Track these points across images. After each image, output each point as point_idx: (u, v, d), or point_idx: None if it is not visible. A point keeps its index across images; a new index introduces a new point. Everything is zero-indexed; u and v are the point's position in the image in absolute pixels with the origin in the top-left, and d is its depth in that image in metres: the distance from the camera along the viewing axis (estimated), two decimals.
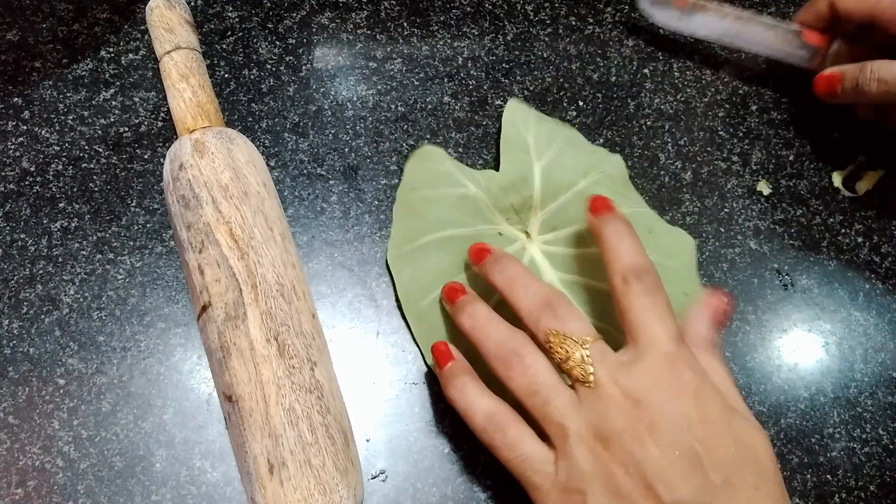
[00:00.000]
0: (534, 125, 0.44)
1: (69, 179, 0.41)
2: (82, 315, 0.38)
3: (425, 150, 0.44)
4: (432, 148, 0.44)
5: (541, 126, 0.45)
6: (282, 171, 0.43)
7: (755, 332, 0.42)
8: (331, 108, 0.45)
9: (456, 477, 0.37)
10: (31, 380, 0.37)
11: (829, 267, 0.44)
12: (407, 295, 0.40)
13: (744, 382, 0.40)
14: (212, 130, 0.38)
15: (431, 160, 0.43)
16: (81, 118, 0.43)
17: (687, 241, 0.43)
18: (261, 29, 0.46)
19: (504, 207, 0.42)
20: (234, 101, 0.44)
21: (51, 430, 0.36)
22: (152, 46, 0.41)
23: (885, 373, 0.41)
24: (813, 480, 0.39)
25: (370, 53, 0.47)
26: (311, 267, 0.41)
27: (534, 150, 0.43)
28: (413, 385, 0.39)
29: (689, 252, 0.43)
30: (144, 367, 0.38)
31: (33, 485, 0.35)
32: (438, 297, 0.39)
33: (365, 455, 0.37)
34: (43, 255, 0.39)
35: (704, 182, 0.46)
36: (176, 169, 0.37)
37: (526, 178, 0.42)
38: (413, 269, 0.40)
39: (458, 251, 0.40)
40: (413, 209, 0.42)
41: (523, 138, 0.44)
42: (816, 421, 0.40)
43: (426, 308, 0.39)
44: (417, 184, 0.42)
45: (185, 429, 0.37)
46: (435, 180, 0.42)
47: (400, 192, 0.42)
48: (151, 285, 0.39)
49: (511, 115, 0.45)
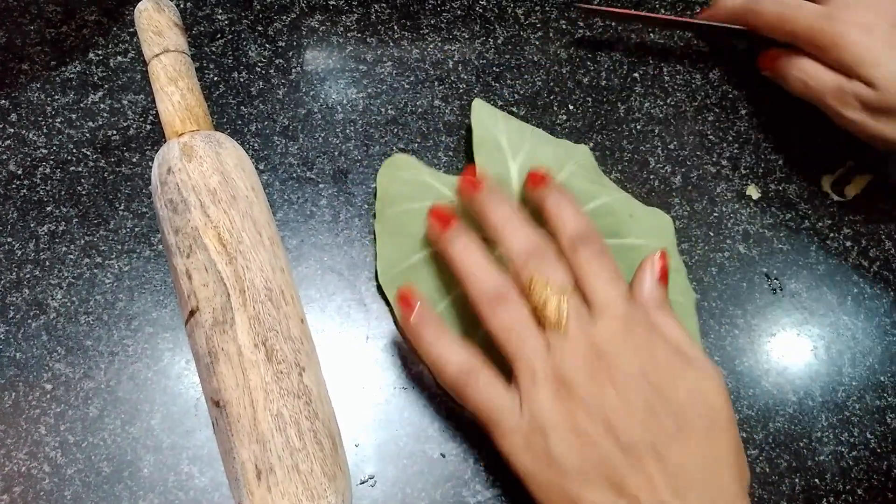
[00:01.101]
0: (503, 124, 0.44)
1: (57, 183, 0.41)
2: (69, 319, 0.38)
3: (395, 160, 0.43)
4: (402, 156, 0.43)
5: (510, 125, 0.44)
6: (271, 174, 0.43)
7: (744, 336, 0.42)
8: (321, 112, 0.45)
9: (445, 482, 0.37)
10: (18, 384, 0.37)
11: (818, 271, 0.44)
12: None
13: (732, 386, 0.41)
14: (200, 134, 0.38)
15: (404, 169, 0.43)
16: (69, 121, 0.43)
17: (665, 220, 0.44)
18: (250, 32, 0.46)
19: None
20: (223, 104, 0.44)
21: (37, 435, 0.36)
22: (141, 49, 0.41)
23: (872, 377, 0.42)
24: (801, 484, 0.39)
25: (360, 56, 0.47)
26: (301, 271, 0.41)
27: (507, 149, 0.43)
28: (402, 390, 0.39)
29: (669, 230, 0.43)
30: (132, 371, 0.37)
31: (19, 490, 0.35)
32: (440, 315, 0.39)
33: (354, 460, 0.37)
34: (30, 259, 0.39)
35: (694, 186, 0.46)
36: (164, 173, 0.36)
37: (503, 178, 0.42)
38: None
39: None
40: (396, 226, 0.41)
41: (495, 138, 0.43)
42: (805, 425, 0.40)
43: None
44: (395, 197, 0.42)
45: (172, 434, 0.36)
46: (413, 192, 0.42)
47: (378, 207, 0.42)
48: (139, 289, 0.39)
49: (479, 115, 0.44)
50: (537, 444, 0.32)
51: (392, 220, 0.41)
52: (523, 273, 0.35)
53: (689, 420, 0.32)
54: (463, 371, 0.34)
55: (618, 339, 0.33)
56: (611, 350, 0.33)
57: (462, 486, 0.37)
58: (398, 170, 0.43)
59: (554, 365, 0.33)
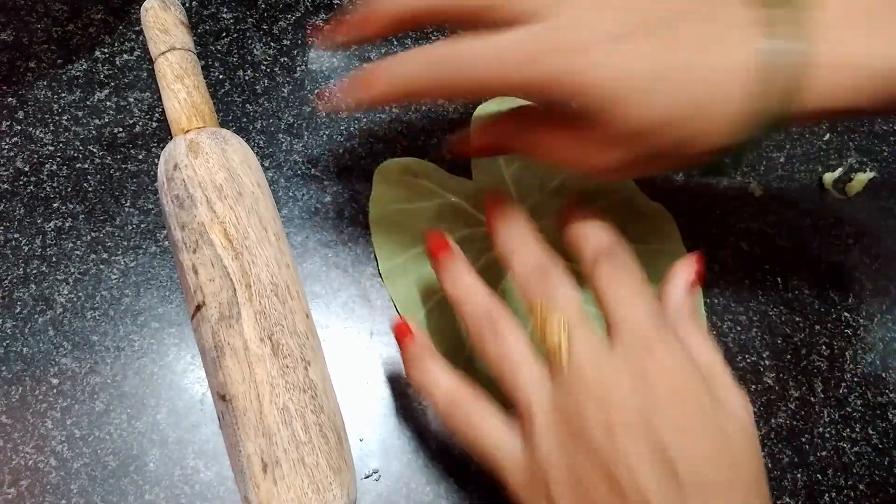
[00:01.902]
0: None
1: (63, 179, 0.41)
2: (76, 315, 0.38)
3: (390, 163, 0.43)
4: (397, 160, 0.43)
5: None
6: (276, 171, 0.43)
7: (745, 332, 0.42)
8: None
9: (449, 476, 0.37)
10: (25, 379, 0.37)
11: (820, 268, 0.44)
12: (405, 307, 0.40)
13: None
14: (206, 131, 0.38)
15: (402, 173, 0.43)
16: (76, 118, 0.43)
17: (667, 217, 0.44)
18: (255, 30, 0.47)
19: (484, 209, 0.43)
20: (228, 101, 0.44)
21: (44, 429, 0.36)
22: (147, 47, 0.41)
23: (874, 373, 0.42)
24: (803, 480, 0.39)
25: (365, 55, 0.47)
26: (306, 267, 0.41)
27: (502, 157, 0.44)
28: (407, 385, 0.39)
29: (673, 230, 0.43)
30: (138, 366, 0.38)
31: (26, 484, 0.35)
32: (435, 305, 0.40)
33: (358, 454, 0.37)
34: (37, 255, 0.40)
35: (696, 183, 0.46)
36: (170, 169, 0.37)
37: (499, 184, 0.43)
38: (407, 280, 0.40)
39: None
40: (393, 223, 0.42)
41: None
42: (806, 421, 0.40)
43: (425, 317, 0.40)
44: (392, 197, 0.42)
45: (178, 428, 0.37)
46: (409, 195, 0.42)
47: (373, 207, 0.42)
48: (145, 285, 0.39)
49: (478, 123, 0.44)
50: (540, 490, 0.29)
51: (387, 217, 0.42)
52: (527, 297, 0.31)
53: (711, 473, 0.27)
54: (452, 399, 0.31)
55: (636, 370, 0.28)
56: (623, 385, 0.28)
57: (466, 481, 0.37)
58: (393, 173, 0.43)
59: (555, 402, 0.29)
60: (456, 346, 0.39)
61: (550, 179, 0.43)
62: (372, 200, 0.42)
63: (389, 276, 0.41)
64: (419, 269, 0.40)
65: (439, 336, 0.39)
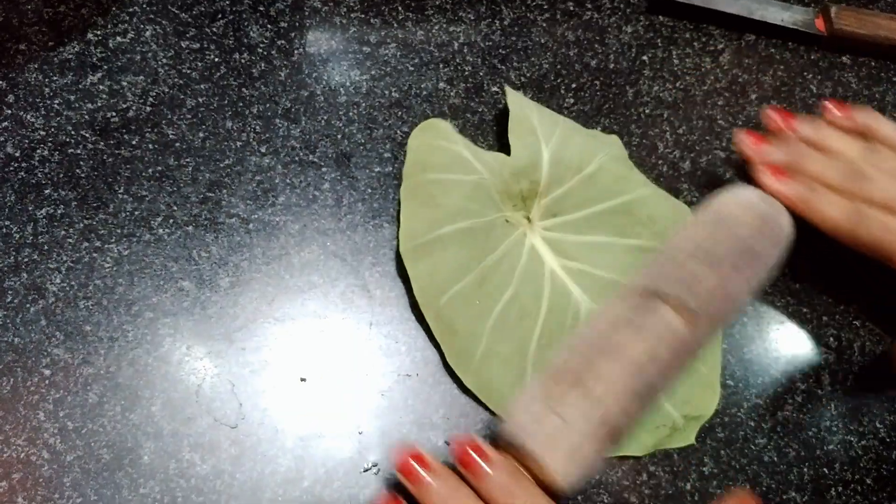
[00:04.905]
0: (535, 111, 0.43)
1: (55, 165, 0.40)
2: (68, 304, 0.38)
3: (431, 124, 0.41)
4: (439, 122, 0.42)
5: (542, 112, 0.44)
6: (273, 157, 0.42)
7: (753, 324, 0.41)
8: (323, 94, 0.44)
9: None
10: (16, 370, 0.36)
11: (827, 260, 0.43)
12: (424, 292, 0.38)
13: (741, 374, 0.40)
14: None
15: (441, 137, 0.41)
16: (68, 102, 0.42)
17: (687, 213, 0.43)
18: (252, 12, 0.45)
19: (513, 193, 0.41)
20: (223, 85, 0.43)
21: (36, 421, 0.35)
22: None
23: (881, 366, 0.41)
24: (810, 474, 0.38)
25: (364, 38, 0.46)
26: (303, 256, 0.40)
27: (541, 134, 0.42)
28: (406, 377, 0.38)
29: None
30: (132, 357, 0.37)
31: (18, 477, 0.34)
32: (457, 293, 0.38)
33: (357, 448, 0.36)
34: (28, 243, 0.39)
35: (703, 171, 0.45)
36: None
37: (536, 164, 0.41)
38: (430, 263, 0.38)
39: (472, 244, 0.38)
40: (426, 194, 0.39)
41: (531, 122, 0.42)
42: (814, 414, 0.40)
43: (445, 305, 0.38)
44: (428, 164, 0.40)
45: (173, 421, 0.36)
46: (448, 163, 0.40)
47: (407, 172, 0.39)
48: (139, 274, 0.39)
49: (515, 98, 0.43)
50: None
51: (421, 187, 0.39)
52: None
53: None
54: None
55: None
56: None
57: None
58: (433, 136, 0.41)
59: None
60: (474, 337, 0.37)
61: (584, 165, 0.42)
62: (406, 167, 0.39)
63: (411, 256, 0.38)
64: (444, 252, 0.38)
65: (458, 327, 0.38)
